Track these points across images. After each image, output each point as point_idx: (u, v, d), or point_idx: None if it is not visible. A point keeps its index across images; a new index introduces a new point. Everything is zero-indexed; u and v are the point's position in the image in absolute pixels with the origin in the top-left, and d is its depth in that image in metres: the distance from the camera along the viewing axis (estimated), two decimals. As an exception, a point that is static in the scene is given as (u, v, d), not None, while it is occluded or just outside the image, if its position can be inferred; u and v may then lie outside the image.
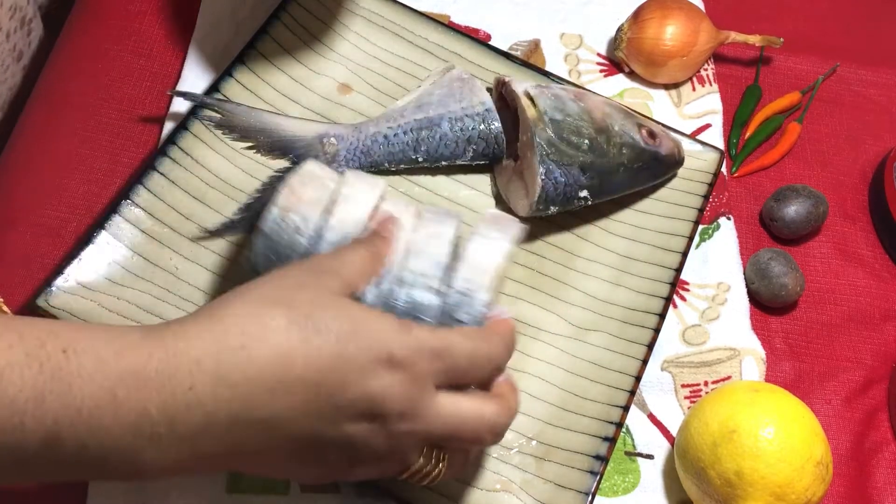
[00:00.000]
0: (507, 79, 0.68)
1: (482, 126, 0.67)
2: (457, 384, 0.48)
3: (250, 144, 0.67)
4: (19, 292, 0.64)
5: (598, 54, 0.79)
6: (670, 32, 0.75)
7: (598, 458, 0.58)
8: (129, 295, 0.60)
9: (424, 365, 0.47)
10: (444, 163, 0.68)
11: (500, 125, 0.67)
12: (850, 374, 0.68)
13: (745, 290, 0.69)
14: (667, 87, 0.78)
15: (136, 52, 0.74)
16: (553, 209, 0.65)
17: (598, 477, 0.58)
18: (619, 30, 0.77)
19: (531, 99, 0.66)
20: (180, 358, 0.43)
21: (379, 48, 0.73)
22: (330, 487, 0.59)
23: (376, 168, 0.67)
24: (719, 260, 0.70)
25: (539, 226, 0.68)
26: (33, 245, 0.66)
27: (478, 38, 0.74)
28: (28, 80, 0.77)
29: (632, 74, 0.78)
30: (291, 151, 0.67)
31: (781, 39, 0.78)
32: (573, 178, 0.64)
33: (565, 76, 0.76)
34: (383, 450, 0.47)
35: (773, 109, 0.78)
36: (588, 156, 0.65)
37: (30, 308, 0.58)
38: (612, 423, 0.60)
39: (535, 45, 0.78)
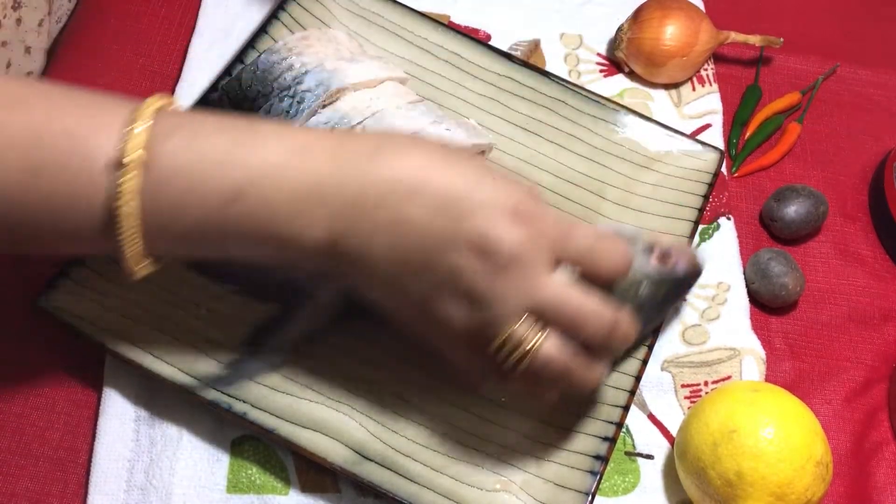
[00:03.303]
0: None
1: None
2: (574, 273, 0.51)
3: None
4: (19, 292, 0.64)
5: (598, 54, 0.79)
6: (670, 32, 0.75)
7: (598, 458, 0.58)
8: (130, 295, 0.60)
9: (547, 230, 0.50)
10: None
11: None
12: (850, 374, 0.68)
13: (745, 290, 0.69)
14: (667, 87, 0.78)
15: (136, 52, 0.74)
16: None
17: (598, 477, 0.58)
18: (619, 30, 0.77)
19: None
20: (346, 143, 0.50)
21: (379, 48, 0.73)
22: (330, 487, 0.59)
23: None
24: (719, 260, 0.70)
25: (539, 226, 0.68)
26: (33, 245, 0.66)
27: (478, 38, 0.74)
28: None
29: (632, 74, 0.78)
30: None
31: (781, 39, 0.78)
32: None
33: (565, 76, 0.76)
34: (483, 293, 0.49)
35: (773, 109, 0.78)
36: None
37: (30, 308, 0.59)
38: (612, 423, 0.60)
39: (535, 45, 0.78)
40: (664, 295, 0.58)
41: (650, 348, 0.62)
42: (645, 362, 0.62)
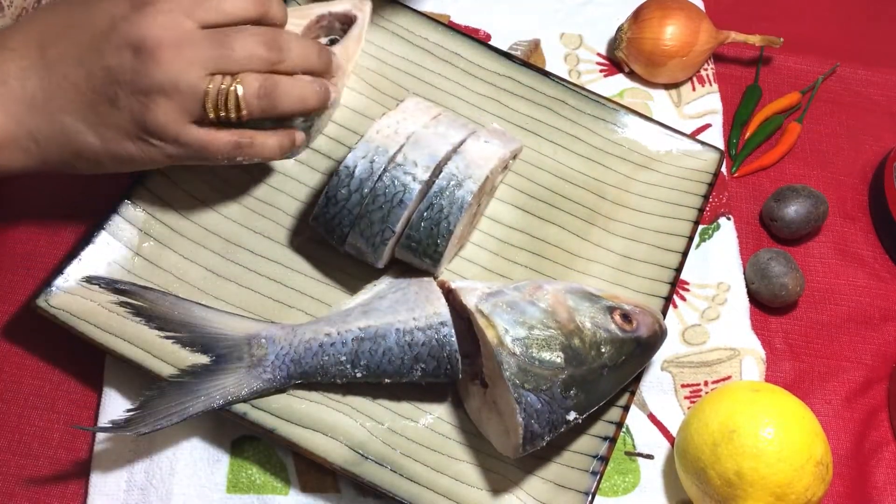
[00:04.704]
0: (453, 285, 0.59)
1: (434, 343, 0.58)
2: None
3: (169, 335, 0.58)
4: (19, 292, 0.64)
5: (598, 54, 0.79)
6: (670, 32, 0.75)
7: (598, 458, 0.58)
8: (129, 295, 0.60)
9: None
10: (387, 380, 0.59)
11: (455, 345, 0.58)
12: (850, 374, 0.68)
13: (745, 290, 0.69)
14: (667, 87, 0.78)
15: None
16: (544, 442, 0.56)
17: (598, 477, 0.58)
18: (619, 30, 0.77)
19: (487, 317, 0.57)
20: None
21: (379, 48, 0.73)
22: (330, 487, 0.59)
23: (308, 380, 0.59)
24: (719, 260, 0.70)
25: (538, 226, 0.68)
26: (33, 245, 0.66)
27: (478, 38, 0.74)
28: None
29: (632, 74, 0.78)
30: (213, 350, 0.58)
31: (781, 39, 0.78)
32: (556, 403, 0.55)
33: (565, 76, 0.76)
34: (161, 77, 0.53)
35: (773, 109, 0.78)
36: (566, 370, 0.56)
37: (30, 308, 0.58)
38: (612, 422, 0.60)
39: (535, 45, 0.78)
40: (624, 359, 0.58)
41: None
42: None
